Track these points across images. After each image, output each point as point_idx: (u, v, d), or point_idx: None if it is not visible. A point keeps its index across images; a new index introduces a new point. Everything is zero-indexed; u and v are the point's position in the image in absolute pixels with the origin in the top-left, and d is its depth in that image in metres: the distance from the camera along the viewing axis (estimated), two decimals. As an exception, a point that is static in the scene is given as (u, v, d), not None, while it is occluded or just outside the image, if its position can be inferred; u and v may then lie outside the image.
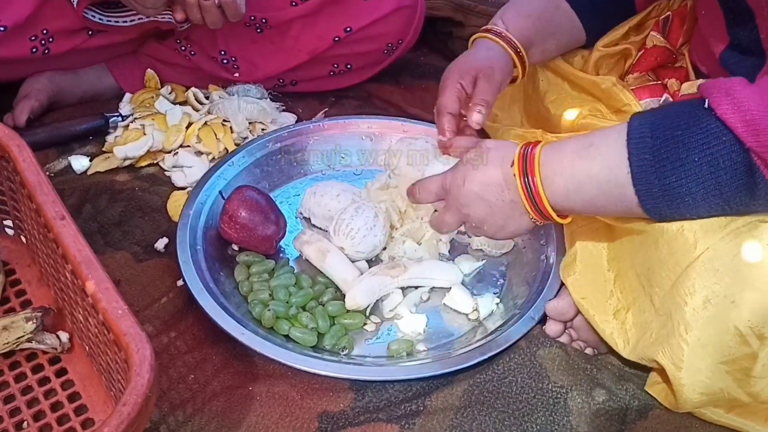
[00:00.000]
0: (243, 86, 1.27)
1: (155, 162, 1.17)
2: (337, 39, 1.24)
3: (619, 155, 0.75)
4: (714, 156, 0.71)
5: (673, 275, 0.79)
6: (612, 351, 0.89)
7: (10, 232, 0.98)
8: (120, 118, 1.21)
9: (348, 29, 1.24)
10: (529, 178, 0.81)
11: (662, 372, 0.81)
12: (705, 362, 0.77)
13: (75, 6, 1.15)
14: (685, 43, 1.03)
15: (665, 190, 0.74)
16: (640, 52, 1.05)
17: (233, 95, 1.25)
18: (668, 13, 1.05)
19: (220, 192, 1.07)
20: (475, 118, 0.95)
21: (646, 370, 0.90)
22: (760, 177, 0.70)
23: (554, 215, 0.83)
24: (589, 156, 0.78)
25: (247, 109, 1.21)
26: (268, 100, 1.28)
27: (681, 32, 1.03)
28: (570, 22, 1.05)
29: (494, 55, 1.00)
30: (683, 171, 0.73)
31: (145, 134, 1.17)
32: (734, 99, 0.69)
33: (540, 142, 0.83)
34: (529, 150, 0.82)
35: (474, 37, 1.04)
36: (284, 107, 1.30)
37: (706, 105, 0.71)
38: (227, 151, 1.18)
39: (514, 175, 0.82)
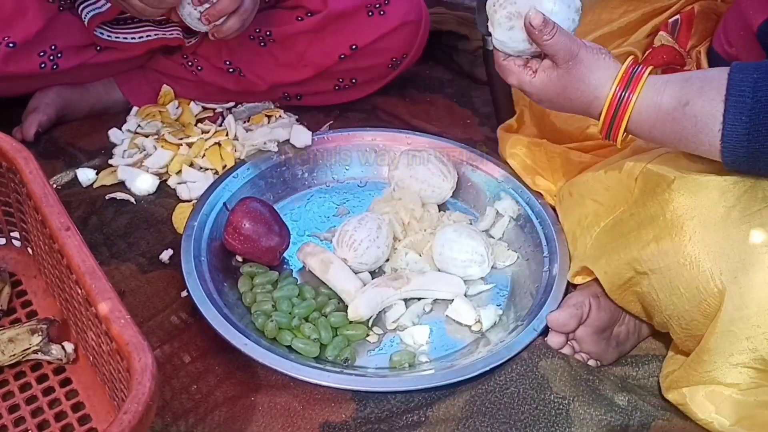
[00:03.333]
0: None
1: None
2: (342, 56, 1.25)
3: (714, 111, 0.75)
4: None
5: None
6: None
7: (17, 243, 0.99)
8: None
9: (354, 47, 1.25)
10: (627, 93, 0.80)
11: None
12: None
13: (86, 24, 1.17)
14: (695, 46, 1.04)
15: (752, 153, 0.75)
16: (648, 51, 1.06)
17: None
18: (677, 16, 1.06)
19: (224, 203, 1.08)
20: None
21: (649, 378, 0.91)
22: None
23: (620, 138, 0.82)
24: (684, 116, 0.77)
25: (279, 135, 1.21)
26: (296, 122, 1.29)
27: (689, 35, 1.04)
28: None
29: None
30: None
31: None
32: None
33: (649, 67, 0.82)
34: (638, 70, 0.81)
35: None
36: (297, 118, 1.30)
37: None
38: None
39: (613, 84, 0.80)
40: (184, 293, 0.99)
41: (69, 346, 0.87)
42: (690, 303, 0.80)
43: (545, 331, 0.94)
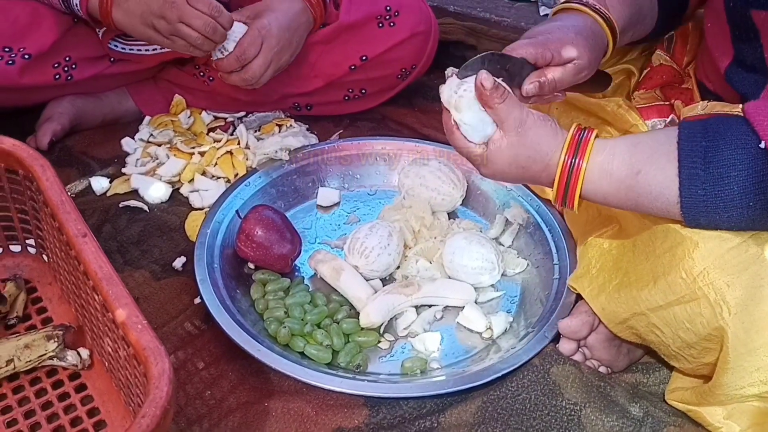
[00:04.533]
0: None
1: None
2: (353, 67, 1.26)
3: (667, 181, 0.75)
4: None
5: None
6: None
7: (32, 250, 1.00)
8: None
9: (364, 58, 1.26)
10: (576, 160, 0.79)
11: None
12: None
13: (101, 36, 1.18)
14: (690, 62, 1.04)
15: (712, 221, 0.75)
16: (646, 70, 1.06)
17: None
18: (672, 32, 1.06)
19: (236, 211, 1.09)
20: (527, 87, 0.86)
21: (659, 385, 0.91)
22: None
23: (576, 204, 0.81)
24: (637, 185, 0.78)
25: (290, 143, 1.22)
26: (306, 131, 1.30)
27: (684, 51, 1.05)
28: (650, 11, 0.99)
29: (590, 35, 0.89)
30: (733, 211, 0.73)
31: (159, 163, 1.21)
32: None
33: (594, 130, 0.81)
34: (584, 135, 0.80)
35: (563, 7, 0.93)
36: (308, 127, 1.32)
37: (763, 146, 0.71)
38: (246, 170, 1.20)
39: (562, 152, 0.80)
40: (197, 300, 1.00)
41: (84, 352, 0.88)
42: (697, 336, 0.80)
43: (556, 338, 0.94)
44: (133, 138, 1.27)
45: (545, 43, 0.86)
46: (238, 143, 1.24)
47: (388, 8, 1.25)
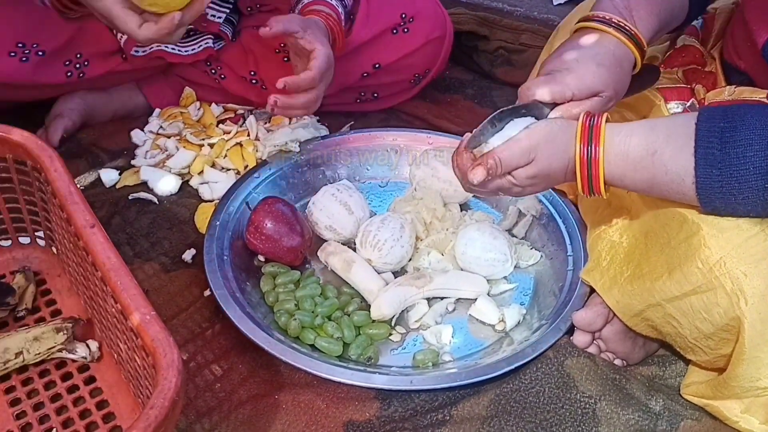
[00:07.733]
0: None
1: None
2: (365, 74, 1.25)
3: (684, 162, 0.75)
4: None
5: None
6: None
7: (41, 242, 0.99)
8: None
9: (377, 65, 1.24)
10: (592, 147, 0.79)
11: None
12: None
13: (123, 45, 1.17)
14: (715, 45, 1.02)
15: (728, 204, 0.75)
16: (669, 51, 1.05)
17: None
18: (699, 19, 1.04)
19: (246, 203, 1.08)
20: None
21: (676, 378, 0.89)
22: None
23: (603, 189, 0.81)
24: (653, 165, 0.77)
25: (301, 135, 1.21)
26: (317, 123, 1.28)
27: (710, 34, 1.03)
28: (681, 10, 0.96)
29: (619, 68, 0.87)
30: (748, 192, 0.72)
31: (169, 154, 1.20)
32: None
33: (604, 115, 0.81)
34: (594, 122, 0.80)
35: (585, 25, 0.89)
36: (319, 119, 1.30)
37: None
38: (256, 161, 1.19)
39: (576, 142, 0.80)
40: (207, 292, 0.99)
41: (93, 344, 0.87)
42: (714, 326, 0.79)
43: (570, 330, 0.93)
44: (143, 130, 1.26)
45: (563, 81, 0.85)
46: (248, 135, 1.23)
47: (403, 15, 1.23)
